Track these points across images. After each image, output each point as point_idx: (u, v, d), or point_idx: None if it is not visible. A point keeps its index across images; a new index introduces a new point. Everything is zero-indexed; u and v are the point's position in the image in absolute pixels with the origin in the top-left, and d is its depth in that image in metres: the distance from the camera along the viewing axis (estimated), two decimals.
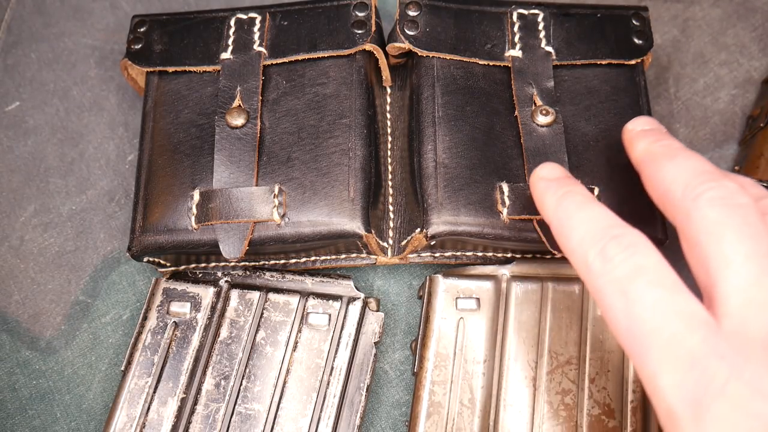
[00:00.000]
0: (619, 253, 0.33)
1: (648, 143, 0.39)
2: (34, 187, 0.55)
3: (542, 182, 0.40)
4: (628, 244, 0.33)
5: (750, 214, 0.33)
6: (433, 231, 0.45)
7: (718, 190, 0.34)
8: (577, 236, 0.35)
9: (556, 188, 0.38)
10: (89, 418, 0.49)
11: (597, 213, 0.36)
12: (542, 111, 0.47)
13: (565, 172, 0.40)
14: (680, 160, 0.36)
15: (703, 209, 0.33)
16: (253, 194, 0.45)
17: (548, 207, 0.38)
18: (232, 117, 0.47)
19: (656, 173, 0.37)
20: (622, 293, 0.32)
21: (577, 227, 0.35)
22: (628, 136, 0.41)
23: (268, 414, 0.45)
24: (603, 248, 0.34)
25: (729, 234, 0.32)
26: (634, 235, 0.34)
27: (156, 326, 0.47)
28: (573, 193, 0.37)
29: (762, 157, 0.50)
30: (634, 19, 0.51)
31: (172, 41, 0.50)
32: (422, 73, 0.48)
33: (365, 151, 0.47)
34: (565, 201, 0.37)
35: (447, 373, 0.46)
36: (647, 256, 0.33)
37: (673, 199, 0.35)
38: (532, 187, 0.40)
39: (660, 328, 0.31)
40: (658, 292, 0.32)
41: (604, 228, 0.34)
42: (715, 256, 0.32)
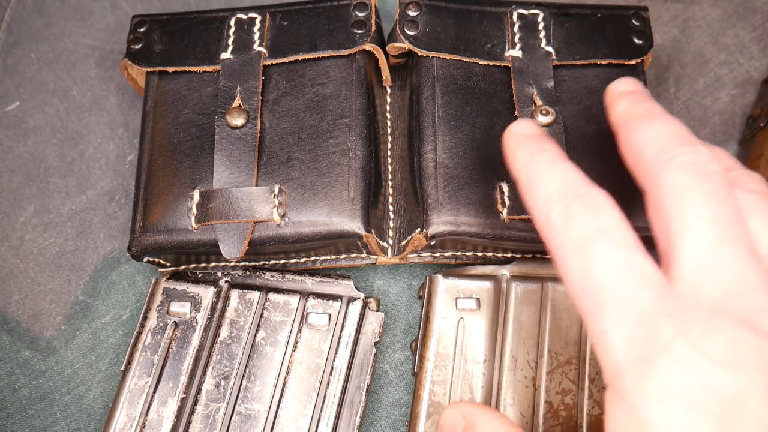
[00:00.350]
0: (582, 211, 0.33)
1: (629, 104, 0.39)
2: (34, 187, 0.55)
3: (516, 137, 0.39)
4: (591, 204, 0.33)
5: (718, 181, 0.33)
6: (433, 231, 0.45)
7: (691, 155, 0.34)
8: (543, 192, 0.35)
9: (530, 144, 0.38)
10: (89, 418, 0.49)
11: (566, 171, 0.36)
12: (542, 111, 0.47)
13: (539, 129, 0.40)
14: (657, 123, 0.36)
15: (673, 172, 0.33)
16: (253, 194, 0.45)
17: (519, 162, 0.38)
18: (232, 117, 0.47)
19: (632, 134, 0.37)
20: (580, 250, 0.32)
21: (544, 184, 0.35)
22: (610, 96, 0.41)
23: (268, 414, 0.45)
24: (567, 206, 0.34)
25: (694, 198, 0.32)
26: (598, 195, 0.34)
27: (156, 326, 0.47)
28: (545, 150, 0.37)
29: (762, 157, 0.50)
30: (634, 19, 0.51)
31: (172, 41, 0.50)
32: (422, 73, 0.48)
33: (365, 151, 0.47)
34: (537, 157, 0.37)
35: (447, 373, 0.46)
36: (609, 217, 0.33)
37: (645, 161, 0.35)
38: (505, 141, 0.40)
39: (613, 286, 0.31)
40: (615, 251, 0.32)
41: (570, 186, 0.35)
42: (677, 220, 0.33)
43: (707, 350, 0.29)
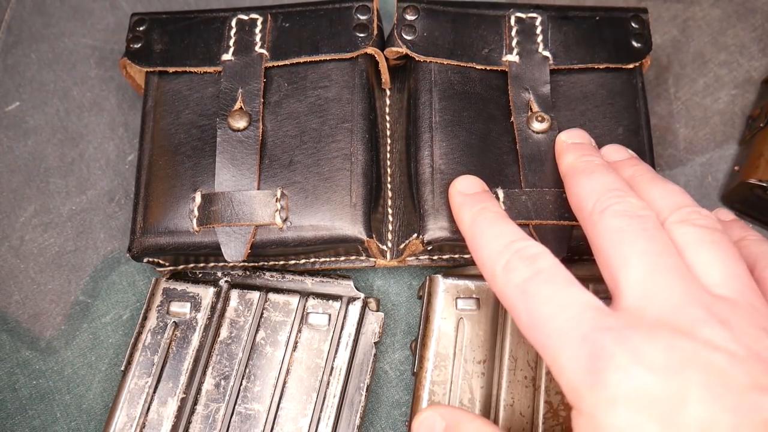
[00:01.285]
0: (520, 263, 0.37)
1: (574, 158, 0.44)
2: (34, 187, 0.55)
3: (459, 197, 0.43)
4: (528, 255, 0.37)
5: (648, 221, 0.37)
6: (429, 237, 0.45)
7: (623, 205, 0.38)
8: (486, 252, 0.39)
9: (472, 204, 0.42)
10: (89, 418, 0.49)
11: (505, 229, 0.40)
12: (538, 117, 0.47)
13: (481, 185, 0.44)
14: (595, 177, 0.41)
15: (607, 219, 0.38)
16: (255, 198, 0.45)
17: (464, 222, 0.42)
18: (234, 120, 0.47)
19: (575, 187, 0.41)
20: (522, 293, 0.36)
21: (487, 243, 0.39)
22: (560, 147, 0.46)
23: (268, 414, 0.45)
24: (508, 261, 0.37)
25: (627, 237, 0.36)
26: (534, 246, 0.38)
27: (156, 326, 0.47)
28: (486, 210, 0.41)
29: (762, 157, 0.50)
30: (633, 21, 0.50)
31: (172, 41, 0.50)
32: (419, 78, 0.48)
33: (367, 156, 0.46)
34: (479, 218, 0.41)
35: (447, 373, 0.46)
36: (545, 261, 0.37)
37: (585, 212, 0.39)
38: (451, 199, 0.44)
39: (555, 316, 0.34)
40: (552, 287, 0.35)
41: (509, 243, 0.38)
42: (615, 258, 0.36)
43: (647, 357, 0.32)
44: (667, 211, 0.39)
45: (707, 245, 0.36)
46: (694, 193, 0.54)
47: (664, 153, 0.55)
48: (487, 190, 0.44)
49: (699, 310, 0.33)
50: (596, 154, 0.44)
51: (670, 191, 0.40)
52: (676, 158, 0.55)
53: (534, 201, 0.45)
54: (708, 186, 0.54)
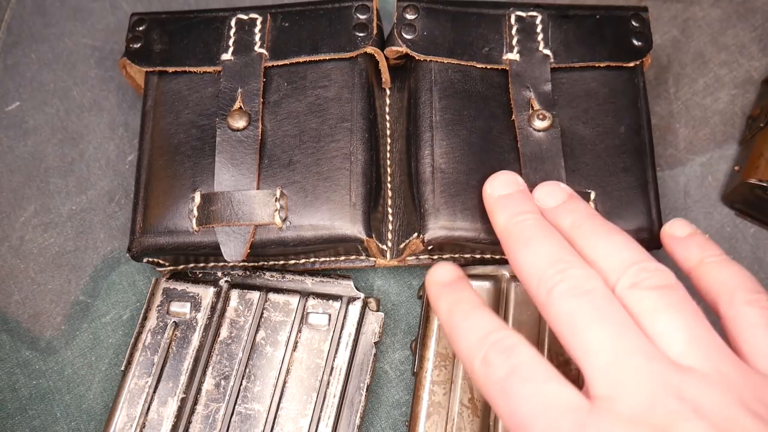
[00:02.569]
0: (497, 357, 0.35)
1: (506, 218, 0.41)
2: (34, 187, 0.55)
3: (435, 287, 0.41)
4: (504, 348, 0.36)
5: (598, 299, 0.35)
6: (429, 236, 0.45)
7: (567, 282, 0.36)
8: (464, 346, 0.37)
9: (447, 294, 0.40)
10: (89, 418, 0.49)
11: (479, 321, 0.38)
12: (539, 115, 0.47)
13: (457, 272, 0.41)
14: (533, 247, 0.39)
15: (556, 302, 0.36)
16: (254, 198, 0.45)
17: (442, 314, 0.40)
18: (234, 119, 0.47)
19: (514, 258, 0.39)
20: (502, 393, 0.35)
21: (463, 337, 0.38)
22: (488, 201, 0.43)
23: (268, 414, 0.45)
24: (485, 355, 0.36)
25: (582, 324, 0.35)
26: (511, 337, 0.36)
27: (156, 326, 0.47)
28: (460, 302, 0.39)
29: (762, 157, 0.50)
30: (633, 20, 0.50)
31: (172, 41, 0.50)
32: (420, 77, 0.48)
33: (366, 156, 0.46)
34: (454, 310, 0.39)
35: (447, 373, 0.46)
36: (522, 355, 0.35)
37: (531, 290, 0.38)
38: (427, 288, 0.42)
39: (536, 417, 0.33)
40: (530, 386, 0.34)
41: (484, 335, 0.37)
42: (576, 346, 0.35)
43: None
44: (615, 274, 0.37)
45: (663, 310, 0.35)
46: (694, 193, 0.54)
47: (664, 153, 0.55)
48: (463, 276, 0.42)
49: (672, 400, 0.32)
50: (528, 206, 0.42)
51: (614, 246, 0.39)
52: (676, 158, 0.55)
53: None
54: (708, 186, 0.54)
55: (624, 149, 0.47)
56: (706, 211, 0.54)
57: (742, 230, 0.53)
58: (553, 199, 0.43)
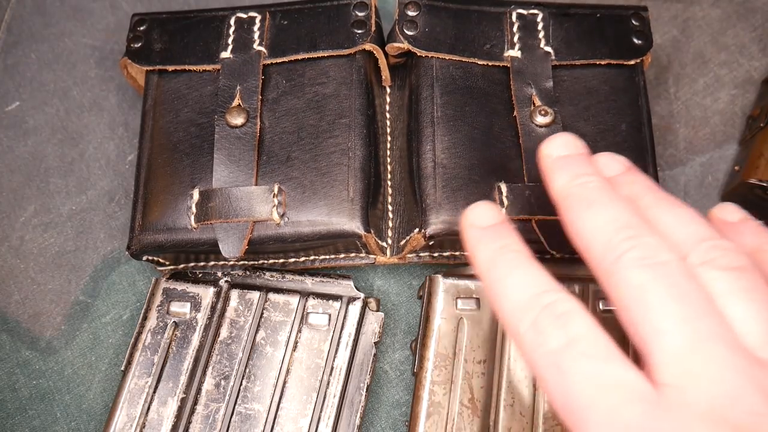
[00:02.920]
0: (550, 324, 0.31)
1: (566, 179, 0.36)
2: (34, 187, 0.55)
3: (474, 230, 0.36)
4: (560, 314, 0.32)
5: (674, 272, 0.31)
6: (431, 231, 0.45)
7: (639, 250, 0.32)
8: (509, 303, 0.33)
9: (489, 240, 0.35)
10: (89, 418, 0.49)
11: (529, 276, 0.33)
12: (541, 111, 0.47)
13: (500, 214, 0.37)
14: (597, 209, 0.34)
15: (625, 272, 0.32)
16: (252, 193, 0.45)
17: (480, 261, 0.35)
18: (232, 116, 0.47)
19: (574, 222, 0.35)
20: (555, 366, 0.31)
21: (508, 293, 0.33)
22: (545, 162, 0.38)
23: (268, 414, 0.45)
24: (535, 320, 0.32)
25: (655, 299, 0.30)
26: (566, 301, 0.32)
27: (156, 326, 0.47)
28: (506, 251, 0.35)
29: (762, 157, 0.50)
30: (633, 19, 0.51)
31: (172, 40, 0.50)
32: (421, 73, 0.49)
33: (365, 151, 0.47)
34: (498, 260, 0.34)
35: (447, 373, 0.46)
36: (580, 325, 0.31)
37: (593, 257, 0.33)
38: (464, 232, 0.37)
39: (596, 402, 0.29)
40: (591, 364, 0.30)
41: (535, 294, 0.32)
42: (644, 324, 0.31)
43: None
44: (686, 247, 0.32)
45: (739, 294, 0.31)
46: (694, 193, 0.54)
47: (664, 153, 0.55)
48: (506, 219, 0.37)
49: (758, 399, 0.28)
50: (590, 169, 0.37)
51: (681, 219, 0.34)
52: (676, 158, 0.55)
53: (537, 196, 0.45)
54: (708, 186, 0.54)
55: (625, 146, 0.48)
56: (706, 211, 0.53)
57: None
58: (612, 169, 0.38)
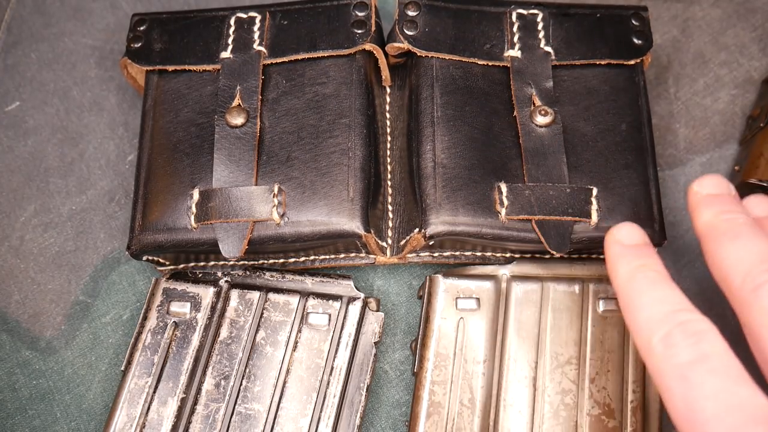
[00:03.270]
0: (683, 339, 0.32)
1: (713, 215, 0.38)
2: (34, 187, 0.55)
3: (617, 247, 0.38)
4: (694, 332, 0.32)
5: None
6: (431, 231, 0.45)
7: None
8: (643, 316, 0.34)
9: (631, 257, 0.37)
10: (89, 418, 0.49)
11: (667, 294, 0.35)
12: (541, 111, 0.47)
13: (643, 237, 0.39)
14: (743, 242, 0.35)
15: (762, 301, 0.33)
16: (252, 193, 0.45)
17: (620, 276, 0.37)
18: (232, 116, 0.47)
19: (717, 252, 0.36)
20: (682, 378, 0.31)
21: (645, 307, 0.35)
22: (694, 198, 0.40)
23: (268, 414, 0.45)
24: (668, 333, 0.33)
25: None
26: (701, 322, 0.33)
27: (156, 326, 0.47)
28: (647, 269, 0.36)
29: (762, 157, 0.50)
30: (633, 19, 0.51)
31: (172, 40, 0.50)
32: (421, 73, 0.48)
33: (365, 151, 0.47)
34: (639, 275, 0.36)
35: (447, 373, 0.46)
36: (712, 345, 0.32)
37: (733, 286, 0.34)
38: (607, 248, 0.39)
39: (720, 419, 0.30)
40: (720, 381, 0.31)
41: (671, 312, 0.34)
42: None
43: None
44: None
45: None
46: None
47: (664, 153, 0.55)
48: (649, 243, 0.39)
49: None
50: (739, 208, 0.38)
51: None
52: (676, 158, 0.55)
53: (537, 196, 0.45)
54: None
55: (625, 146, 0.48)
56: None
57: None
58: (760, 210, 0.40)
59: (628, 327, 0.36)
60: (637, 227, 0.39)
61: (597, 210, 0.46)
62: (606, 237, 0.39)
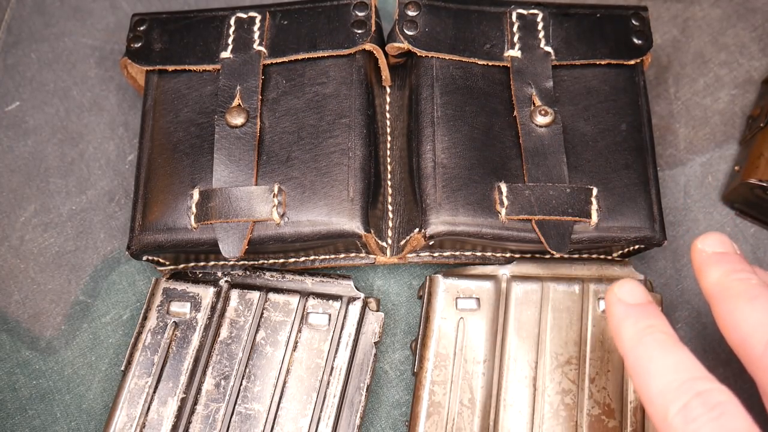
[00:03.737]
0: (704, 413, 0.31)
1: (722, 274, 0.36)
2: (34, 187, 0.55)
3: (621, 307, 0.36)
4: (714, 404, 0.31)
5: None
6: (431, 231, 0.45)
7: None
8: (657, 385, 0.33)
9: (637, 318, 0.35)
10: (89, 418, 0.49)
11: (680, 360, 0.33)
12: (541, 111, 0.47)
13: (646, 295, 0.37)
14: (760, 304, 0.34)
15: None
16: (252, 193, 0.45)
17: (625, 339, 0.35)
18: (232, 116, 0.47)
19: (732, 314, 0.35)
20: None
21: (657, 374, 0.33)
22: (700, 257, 0.38)
23: (268, 414, 0.45)
24: (686, 405, 0.31)
25: None
26: (721, 393, 0.31)
27: (156, 326, 0.47)
28: (655, 330, 0.34)
29: (762, 157, 0.50)
30: (633, 19, 0.51)
31: (172, 40, 0.50)
32: (421, 73, 0.48)
33: (365, 151, 0.47)
34: (647, 339, 0.34)
35: (447, 373, 0.46)
36: (736, 419, 0.30)
37: (752, 352, 0.33)
38: (609, 306, 0.37)
39: None
40: None
41: (688, 380, 0.32)
42: None
43: None
44: None
45: None
46: (694, 193, 0.54)
47: (664, 153, 0.55)
48: (653, 301, 0.37)
49: None
50: (748, 267, 0.36)
51: None
52: (676, 158, 0.55)
53: (537, 196, 0.45)
54: (708, 186, 0.54)
55: (625, 146, 0.48)
56: (706, 211, 0.54)
57: (742, 230, 0.53)
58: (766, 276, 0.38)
59: (637, 393, 0.34)
60: (639, 284, 0.37)
61: (597, 210, 0.46)
62: (607, 295, 0.37)
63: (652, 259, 0.52)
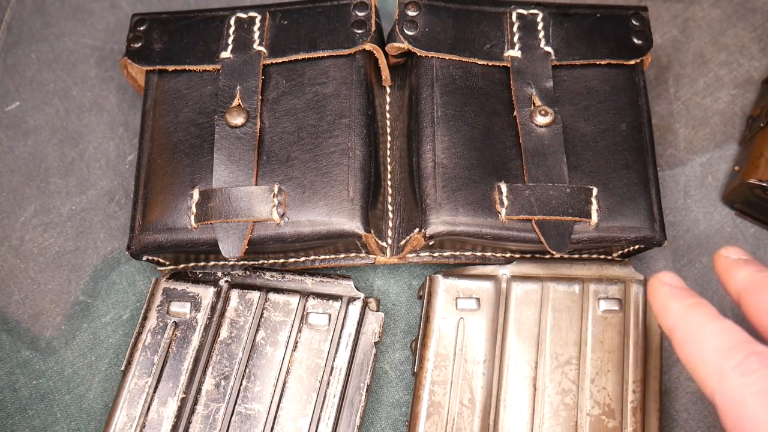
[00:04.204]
0: (762, 368, 0.31)
1: (750, 272, 0.38)
2: (34, 187, 0.55)
3: (667, 288, 0.38)
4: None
5: None
6: (431, 231, 0.45)
7: None
8: (713, 343, 0.33)
9: (683, 296, 0.37)
10: (89, 418, 0.49)
11: (732, 327, 0.34)
12: (541, 111, 0.47)
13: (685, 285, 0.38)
14: None
15: None
16: (252, 193, 0.45)
17: (674, 312, 0.36)
18: (232, 116, 0.47)
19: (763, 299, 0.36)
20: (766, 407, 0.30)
21: (713, 335, 0.34)
22: (724, 263, 0.39)
23: (268, 414, 0.45)
24: (743, 360, 0.32)
25: None
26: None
27: (156, 326, 0.47)
28: (704, 305, 0.36)
29: (762, 157, 0.50)
30: (633, 19, 0.51)
31: (172, 40, 0.50)
32: (421, 73, 0.48)
33: (365, 151, 0.47)
34: (697, 309, 0.35)
35: (447, 373, 0.46)
36: None
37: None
38: (653, 289, 0.38)
39: None
40: None
41: (743, 342, 0.33)
42: None
43: None
44: None
45: None
46: (694, 193, 0.54)
47: (664, 153, 0.55)
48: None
49: None
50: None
51: None
52: (676, 158, 0.55)
53: (537, 195, 0.45)
54: (708, 186, 0.54)
55: (625, 146, 0.48)
56: (706, 211, 0.54)
57: (742, 230, 0.53)
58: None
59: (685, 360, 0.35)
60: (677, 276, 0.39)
61: (597, 210, 0.46)
62: (650, 281, 0.39)
63: (652, 259, 0.52)
